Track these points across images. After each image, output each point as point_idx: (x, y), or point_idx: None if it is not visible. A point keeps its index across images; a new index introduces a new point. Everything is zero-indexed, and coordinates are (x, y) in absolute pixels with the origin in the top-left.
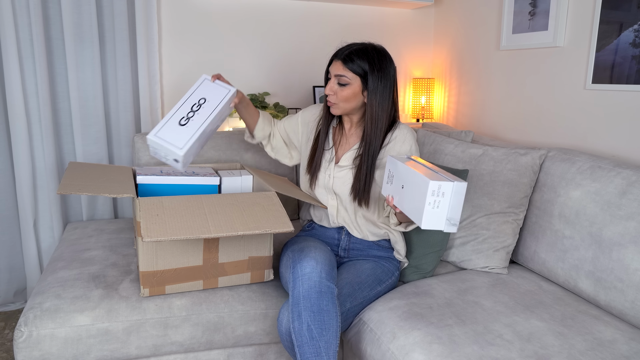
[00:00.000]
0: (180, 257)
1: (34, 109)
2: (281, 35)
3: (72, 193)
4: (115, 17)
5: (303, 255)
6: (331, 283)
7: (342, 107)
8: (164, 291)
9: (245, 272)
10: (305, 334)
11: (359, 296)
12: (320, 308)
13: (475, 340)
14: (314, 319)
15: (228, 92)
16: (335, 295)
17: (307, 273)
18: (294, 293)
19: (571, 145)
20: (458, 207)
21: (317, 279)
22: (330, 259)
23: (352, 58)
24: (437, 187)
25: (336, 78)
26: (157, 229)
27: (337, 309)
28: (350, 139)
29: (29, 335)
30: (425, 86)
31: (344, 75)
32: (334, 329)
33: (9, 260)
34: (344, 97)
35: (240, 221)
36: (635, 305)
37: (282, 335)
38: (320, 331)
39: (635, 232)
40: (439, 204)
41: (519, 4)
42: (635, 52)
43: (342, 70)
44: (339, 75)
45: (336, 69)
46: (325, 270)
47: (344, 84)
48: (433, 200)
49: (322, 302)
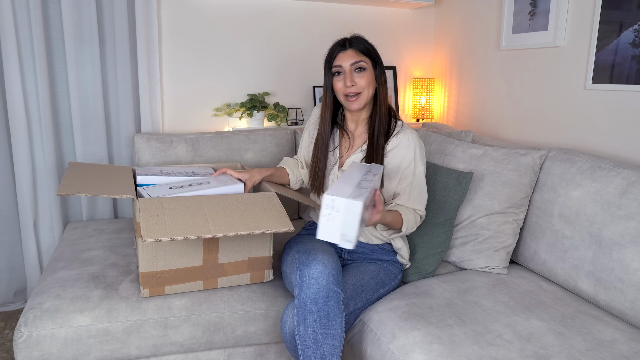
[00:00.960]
0: (180, 258)
1: (34, 109)
2: (281, 35)
3: (72, 194)
4: (115, 17)
5: (311, 258)
6: (338, 288)
7: (365, 95)
8: (164, 292)
9: (245, 273)
10: (310, 338)
11: (362, 299)
12: (326, 312)
13: (475, 340)
14: (319, 324)
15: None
16: (341, 300)
17: (315, 277)
18: (300, 296)
19: (571, 145)
20: (353, 225)
21: (324, 283)
22: (337, 263)
23: (362, 43)
24: (331, 201)
25: (352, 67)
26: (157, 229)
27: (342, 313)
28: (356, 140)
29: (29, 336)
30: (425, 86)
31: (361, 60)
32: (339, 334)
33: (9, 260)
34: (367, 83)
35: (240, 221)
36: (635, 305)
37: (286, 336)
38: (325, 336)
39: (635, 232)
40: (333, 218)
41: (519, 4)
42: (635, 52)
43: (357, 56)
44: (355, 62)
45: (349, 57)
46: (333, 275)
47: (363, 69)
48: (327, 213)
49: (328, 306)
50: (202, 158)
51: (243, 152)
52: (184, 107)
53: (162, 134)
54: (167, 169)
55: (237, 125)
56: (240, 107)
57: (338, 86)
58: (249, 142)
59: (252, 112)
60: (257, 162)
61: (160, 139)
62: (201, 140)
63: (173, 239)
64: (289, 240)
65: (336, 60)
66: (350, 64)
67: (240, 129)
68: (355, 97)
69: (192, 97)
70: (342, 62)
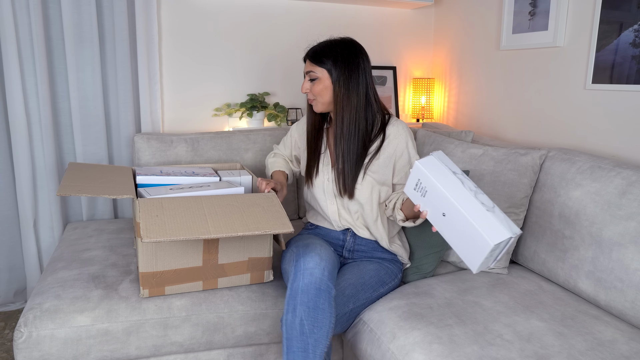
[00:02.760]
0: (180, 258)
1: (34, 109)
2: (281, 35)
3: (71, 194)
4: (115, 17)
5: (308, 250)
6: (331, 283)
7: (320, 102)
8: (164, 292)
9: (245, 273)
10: (296, 328)
11: (362, 297)
12: (316, 305)
13: (475, 340)
14: (308, 315)
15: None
16: (333, 297)
17: (310, 268)
18: (293, 286)
19: (571, 145)
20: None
21: (319, 275)
22: (334, 260)
23: (317, 53)
24: (496, 247)
25: (308, 75)
26: (156, 229)
27: (332, 310)
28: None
29: (29, 336)
30: (425, 86)
31: (312, 70)
32: (326, 328)
33: (9, 260)
34: (317, 92)
35: (240, 222)
36: (635, 305)
37: None
38: (312, 328)
39: (635, 232)
40: (495, 255)
41: (519, 4)
42: (635, 52)
43: (311, 66)
44: (308, 71)
45: (307, 66)
46: (328, 269)
47: (314, 79)
48: (490, 254)
49: (319, 299)
50: (202, 158)
51: (243, 152)
52: (184, 107)
53: (162, 134)
54: (167, 169)
55: (237, 125)
56: (240, 107)
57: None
58: (249, 142)
59: (252, 112)
60: (257, 162)
61: (160, 139)
62: (201, 140)
63: (173, 240)
64: (289, 240)
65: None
66: (305, 72)
67: (240, 129)
68: (311, 101)
69: (192, 97)
70: (305, 69)
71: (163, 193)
